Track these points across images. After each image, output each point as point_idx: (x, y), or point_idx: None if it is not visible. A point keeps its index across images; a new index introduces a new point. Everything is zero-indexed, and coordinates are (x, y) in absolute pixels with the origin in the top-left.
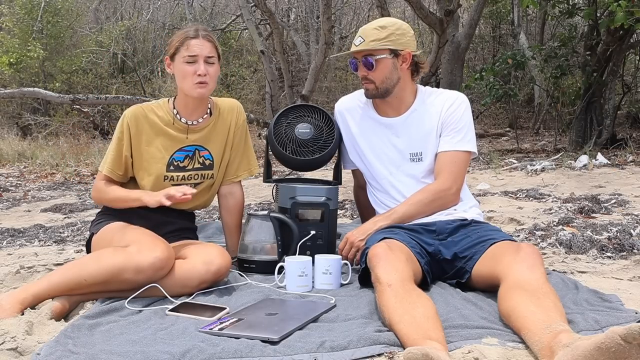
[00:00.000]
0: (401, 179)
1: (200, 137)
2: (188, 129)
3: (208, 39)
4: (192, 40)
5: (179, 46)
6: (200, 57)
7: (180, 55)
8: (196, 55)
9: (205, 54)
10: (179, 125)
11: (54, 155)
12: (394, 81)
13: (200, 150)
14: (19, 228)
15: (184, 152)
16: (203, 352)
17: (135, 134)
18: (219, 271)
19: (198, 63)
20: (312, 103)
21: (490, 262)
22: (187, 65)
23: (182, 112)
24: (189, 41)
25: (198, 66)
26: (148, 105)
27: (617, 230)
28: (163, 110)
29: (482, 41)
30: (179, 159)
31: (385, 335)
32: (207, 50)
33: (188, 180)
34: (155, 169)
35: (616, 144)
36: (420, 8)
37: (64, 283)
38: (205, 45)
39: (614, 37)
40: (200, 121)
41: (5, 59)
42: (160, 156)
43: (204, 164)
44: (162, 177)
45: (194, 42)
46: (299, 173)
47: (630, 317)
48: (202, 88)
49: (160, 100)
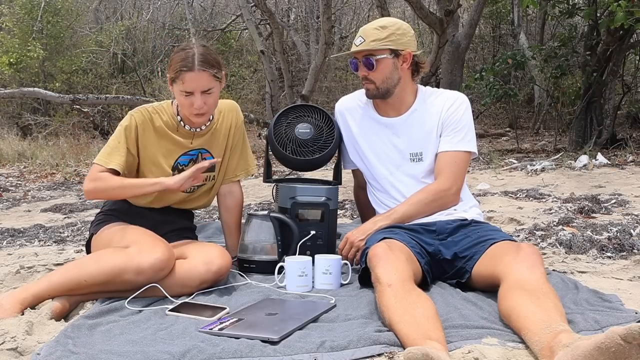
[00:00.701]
0: (401, 179)
1: (204, 141)
2: (194, 135)
3: (204, 70)
4: (187, 74)
5: (175, 78)
6: (197, 92)
7: (177, 86)
8: (191, 92)
9: (201, 88)
10: (183, 132)
11: (54, 155)
12: (394, 81)
13: (203, 153)
14: (19, 228)
15: (188, 156)
16: (203, 352)
17: (142, 136)
18: (219, 271)
19: (194, 96)
20: (312, 103)
21: (490, 262)
22: (184, 97)
23: (186, 119)
24: (183, 75)
25: (194, 100)
26: (153, 108)
27: (617, 230)
28: (167, 114)
29: (482, 41)
30: (183, 162)
31: (385, 335)
32: (203, 83)
33: (192, 183)
34: (161, 172)
35: (616, 144)
36: (420, 8)
37: (64, 283)
38: (202, 78)
39: (614, 37)
40: (202, 128)
41: (5, 59)
42: (165, 160)
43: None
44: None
45: (189, 77)
46: (299, 173)
47: (630, 317)
48: (200, 118)
49: (164, 102)
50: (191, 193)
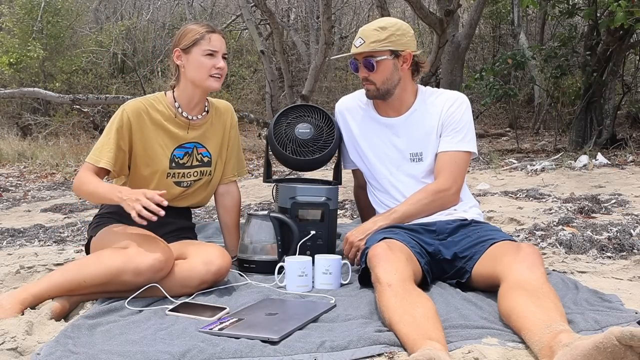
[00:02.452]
0: (401, 179)
1: (199, 134)
2: (189, 125)
3: (224, 37)
4: (213, 34)
5: (199, 39)
6: (220, 52)
7: (199, 47)
8: (217, 50)
9: (223, 50)
10: (180, 120)
11: (54, 155)
12: (394, 82)
13: (198, 147)
14: (19, 228)
15: (183, 149)
16: (203, 352)
17: (137, 130)
18: (219, 271)
19: (217, 57)
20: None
21: (490, 262)
22: (207, 58)
23: (185, 106)
24: (210, 35)
25: (217, 60)
26: (147, 100)
27: (617, 230)
28: (162, 104)
29: (482, 41)
30: (179, 155)
31: (385, 335)
32: (224, 46)
33: (188, 178)
34: (159, 164)
35: (616, 144)
36: (420, 8)
37: (63, 283)
38: (223, 42)
39: (614, 37)
40: (199, 117)
41: (5, 59)
42: (162, 152)
43: (202, 161)
44: (165, 174)
45: (216, 37)
46: (299, 173)
47: (630, 317)
48: (217, 82)
49: (156, 94)
50: (187, 188)
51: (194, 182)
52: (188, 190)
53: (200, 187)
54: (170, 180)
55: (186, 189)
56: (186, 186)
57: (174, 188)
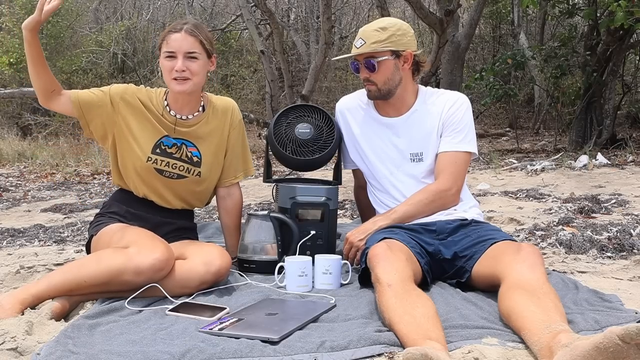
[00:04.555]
0: (401, 179)
1: (188, 132)
2: (176, 122)
3: (191, 34)
4: (172, 35)
5: (162, 42)
6: (179, 53)
7: (162, 50)
8: (174, 51)
9: (185, 49)
10: (167, 118)
11: (54, 155)
12: (396, 82)
13: (187, 145)
14: (19, 228)
15: (173, 139)
16: (203, 352)
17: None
18: (219, 272)
19: (176, 59)
20: (312, 103)
21: (490, 262)
22: (167, 60)
23: (173, 106)
24: (169, 36)
25: (175, 62)
26: (149, 91)
27: (617, 230)
28: (157, 99)
29: (482, 41)
30: (167, 143)
31: (385, 335)
32: (187, 45)
33: (172, 169)
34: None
35: (616, 144)
36: (420, 8)
37: (64, 283)
38: (187, 41)
39: (614, 37)
40: (190, 117)
41: (5, 59)
42: (148, 135)
43: (191, 159)
44: (146, 157)
45: (173, 37)
46: (299, 173)
47: (630, 317)
48: (180, 85)
49: (159, 89)
50: (170, 179)
51: (179, 178)
52: (173, 181)
53: (189, 185)
54: (151, 165)
55: (169, 180)
56: (169, 176)
57: (155, 175)
